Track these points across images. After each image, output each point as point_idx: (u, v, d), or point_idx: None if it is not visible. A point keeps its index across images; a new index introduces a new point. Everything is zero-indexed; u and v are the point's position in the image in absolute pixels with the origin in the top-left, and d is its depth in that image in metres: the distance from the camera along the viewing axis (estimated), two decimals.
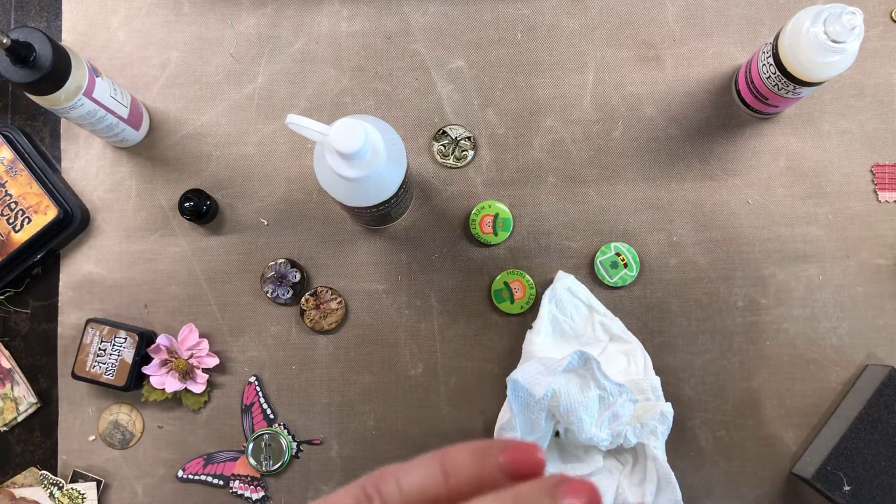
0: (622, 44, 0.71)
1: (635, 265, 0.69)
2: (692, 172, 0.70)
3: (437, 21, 0.72)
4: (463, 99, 0.71)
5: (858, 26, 0.55)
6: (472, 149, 0.70)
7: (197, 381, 0.68)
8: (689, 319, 0.69)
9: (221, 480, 0.68)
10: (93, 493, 0.68)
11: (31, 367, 0.70)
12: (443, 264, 0.70)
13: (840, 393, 0.68)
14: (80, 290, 0.70)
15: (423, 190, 0.70)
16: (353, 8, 0.72)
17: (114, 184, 0.71)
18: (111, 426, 0.69)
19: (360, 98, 0.71)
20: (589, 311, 0.67)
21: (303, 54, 0.72)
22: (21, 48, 0.54)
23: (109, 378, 0.66)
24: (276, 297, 0.69)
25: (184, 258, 0.70)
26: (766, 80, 0.63)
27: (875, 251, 0.69)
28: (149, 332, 0.69)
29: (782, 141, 0.70)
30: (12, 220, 0.67)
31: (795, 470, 0.67)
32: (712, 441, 0.68)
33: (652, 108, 0.71)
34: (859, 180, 0.70)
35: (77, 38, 0.72)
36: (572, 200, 0.70)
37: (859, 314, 0.69)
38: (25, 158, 0.68)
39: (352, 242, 0.70)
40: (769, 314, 0.69)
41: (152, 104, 0.72)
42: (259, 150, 0.71)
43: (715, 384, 0.68)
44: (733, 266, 0.69)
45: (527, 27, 0.72)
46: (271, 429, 0.68)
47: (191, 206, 0.68)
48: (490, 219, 0.69)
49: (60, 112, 0.61)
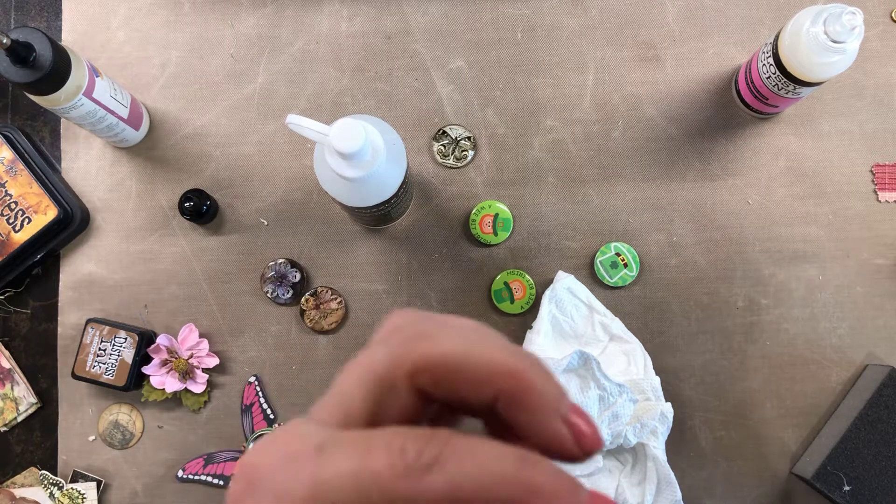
0: (622, 44, 0.71)
1: (635, 265, 0.69)
2: (692, 172, 0.70)
3: (437, 21, 0.72)
4: (463, 99, 0.71)
5: (858, 26, 0.55)
6: (472, 149, 0.70)
7: (197, 381, 0.68)
8: (689, 319, 0.69)
9: (221, 480, 0.68)
10: (93, 493, 0.68)
11: (31, 367, 0.70)
12: (443, 264, 0.70)
13: (840, 393, 0.68)
14: (80, 290, 0.70)
15: (423, 190, 0.70)
16: (353, 8, 0.72)
17: (114, 184, 0.71)
18: (111, 426, 0.69)
19: (360, 98, 0.71)
20: (589, 311, 0.67)
21: (303, 54, 0.72)
22: (21, 48, 0.54)
23: (109, 378, 0.66)
24: (276, 297, 0.69)
25: (184, 258, 0.70)
26: (766, 80, 0.63)
27: (875, 251, 0.69)
28: (149, 332, 0.69)
29: (782, 141, 0.70)
30: (12, 220, 0.67)
31: (795, 470, 0.67)
32: (712, 441, 0.68)
33: (652, 108, 0.71)
34: (859, 180, 0.70)
35: (77, 38, 0.72)
36: (572, 200, 0.70)
37: (859, 314, 0.69)
38: (25, 158, 0.68)
39: (352, 242, 0.70)
40: (769, 314, 0.69)
41: (152, 104, 0.72)
42: (259, 150, 0.71)
43: (715, 384, 0.68)
44: (733, 266, 0.69)
45: (527, 27, 0.72)
46: (271, 429, 0.68)
47: (191, 206, 0.68)
48: (490, 219, 0.69)
49: (60, 112, 0.61)
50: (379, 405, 0.21)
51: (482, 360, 0.20)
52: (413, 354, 0.21)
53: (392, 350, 0.21)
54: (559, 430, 0.20)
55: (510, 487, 0.18)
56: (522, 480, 0.18)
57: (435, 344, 0.21)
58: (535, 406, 0.20)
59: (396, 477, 0.18)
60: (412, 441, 0.19)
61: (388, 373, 0.21)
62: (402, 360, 0.21)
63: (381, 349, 0.21)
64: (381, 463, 0.18)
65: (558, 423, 0.20)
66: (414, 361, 0.21)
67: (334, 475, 0.18)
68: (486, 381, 0.20)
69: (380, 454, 0.18)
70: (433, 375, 0.20)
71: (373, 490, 0.18)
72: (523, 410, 0.20)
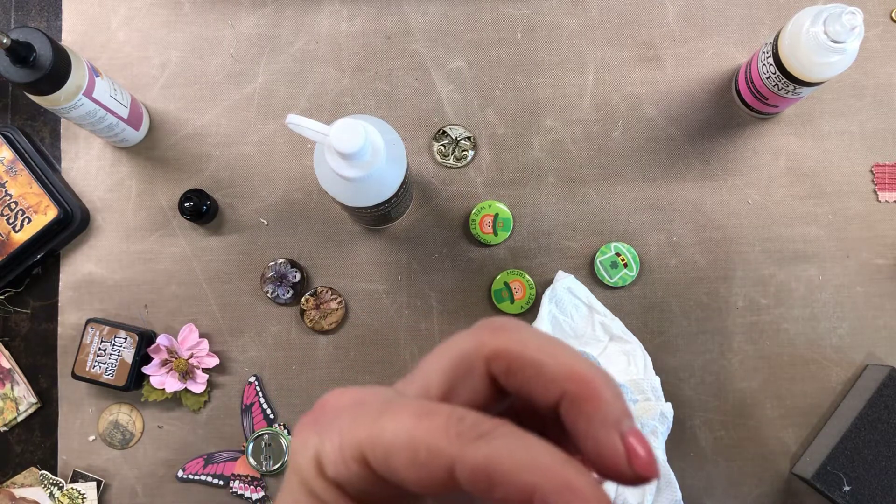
0: (622, 44, 0.71)
1: (635, 265, 0.69)
2: (692, 172, 0.70)
3: (437, 21, 0.72)
4: (463, 99, 0.71)
5: (858, 26, 0.55)
6: (472, 149, 0.70)
7: (197, 381, 0.68)
8: (689, 319, 0.69)
9: (221, 480, 0.68)
10: (93, 493, 0.68)
11: (31, 367, 0.70)
12: (443, 264, 0.70)
13: (840, 393, 0.68)
14: (80, 290, 0.70)
15: (423, 190, 0.70)
16: (353, 8, 0.72)
17: (114, 184, 0.71)
18: (111, 426, 0.69)
19: (360, 98, 0.71)
20: (589, 311, 0.67)
21: (303, 54, 0.72)
22: (21, 48, 0.54)
23: (109, 378, 0.66)
24: (276, 297, 0.69)
25: (184, 258, 0.70)
26: (766, 80, 0.63)
27: (875, 251, 0.69)
28: (149, 332, 0.69)
29: (782, 141, 0.70)
30: (12, 220, 0.67)
31: (795, 470, 0.67)
32: (712, 441, 0.68)
33: (652, 108, 0.71)
34: (859, 180, 0.70)
35: (77, 38, 0.72)
36: (572, 200, 0.70)
37: (859, 314, 0.69)
38: (25, 158, 0.68)
39: (352, 242, 0.70)
40: (769, 314, 0.69)
41: (152, 104, 0.72)
42: (259, 150, 0.71)
43: (715, 384, 0.68)
44: (733, 266, 0.69)
45: (527, 27, 0.72)
46: (271, 429, 0.68)
47: (191, 206, 0.68)
48: (490, 219, 0.69)
49: (60, 112, 0.61)
50: (454, 386, 0.22)
51: (557, 360, 0.21)
52: (495, 341, 0.22)
53: (477, 336, 0.22)
54: (615, 445, 0.20)
55: (547, 478, 0.19)
56: (561, 476, 0.19)
57: (517, 337, 0.22)
58: (596, 415, 0.21)
59: (447, 438, 0.19)
60: (472, 415, 0.20)
61: (468, 355, 0.22)
62: (484, 345, 0.22)
63: (468, 335, 0.23)
64: (438, 424, 0.20)
65: (615, 438, 0.20)
66: (494, 347, 0.22)
67: (392, 426, 0.20)
68: (556, 379, 0.21)
69: (439, 418, 0.20)
70: (508, 364, 0.21)
71: (421, 446, 0.19)
72: (583, 416, 0.21)
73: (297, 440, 0.23)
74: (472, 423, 0.20)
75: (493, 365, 0.22)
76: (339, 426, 0.21)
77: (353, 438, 0.21)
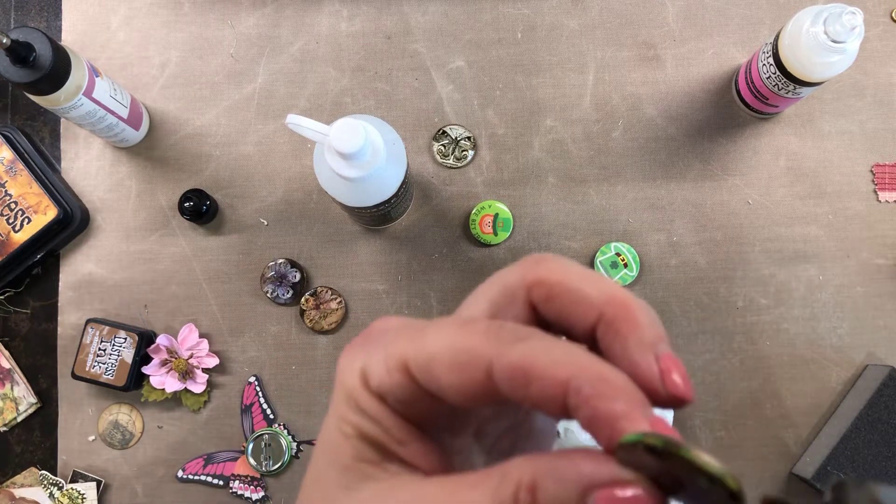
0: (622, 44, 0.71)
1: (635, 265, 0.69)
2: (692, 172, 0.70)
3: (437, 21, 0.72)
4: (463, 99, 0.71)
5: (858, 26, 0.55)
6: (472, 149, 0.70)
7: (197, 381, 0.68)
8: (689, 319, 0.69)
9: (221, 480, 0.68)
10: (93, 493, 0.68)
11: (31, 367, 0.70)
12: (443, 264, 0.70)
13: (840, 393, 0.68)
14: (79, 290, 0.70)
15: (423, 190, 0.70)
16: (353, 8, 0.72)
17: (114, 184, 0.71)
18: (111, 426, 0.69)
19: (360, 98, 0.71)
20: None
21: (303, 54, 0.72)
22: (21, 48, 0.54)
23: (109, 378, 0.66)
24: (276, 297, 0.69)
25: (184, 258, 0.70)
26: (766, 80, 0.63)
27: (875, 251, 0.69)
28: (149, 332, 0.69)
29: (782, 141, 0.70)
30: (12, 220, 0.67)
31: (795, 470, 0.67)
32: (712, 441, 0.68)
33: (652, 108, 0.71)
34: (859, 180, 0.70)
35: (77, 38, 0.72)
36: (572, 200, 0.70)
37: (859, 314, 0.69)
38: (25, 158, 0.68)
39: (352, 242, 0.70)
40: (769, 314, 0.69)
41: (152, 104, 0.72)
42: (259, 150, 0.71)
43: (715, 384, 0.68)
44: (733, 266, 0.69)
45: (527, 27, 0.72)
46: (271, 429, 0.68)
47: (191, 206, 0.68)
48: (490, 219, 0.69)
49: (60, 112, 0.61)
50: (496, 314, 0.23)
51: (596, 286, 0.22)
52: (538, 270, 0.23)
53: (521, 267, 0.24)
54: (649, 365, 0.21)
55: (582, 370, 0.19)
56: (595, 369, 0.20)
57: (557, 266, 0.23)
58: (631, 336, 0.21)
59: (486, 342, 0.21)
60: (510, 324, 0.21)
61: (511, 285, 0.23)
62: (527, 273, 0.23)
63: (512, 268, 0.24)
64: (479, 331, 0.21)
65: (650, 359, 0.21)
66: (537, 274, 0.23)
67: (435, 339, 0.21)
68: (594, 303, 0.22)
69: (480, 327, 0.21)
70: (549, 290, 0.23)
71: (462, 353, 0.21)
72: (620, 338, 0.21)
73: (344, 360, 0.24)
74: (511, 329, 0.21)
75: (534, 292, 0.23)
76: (384, 342, 0.23)
77: (398, 349, 0.22)
